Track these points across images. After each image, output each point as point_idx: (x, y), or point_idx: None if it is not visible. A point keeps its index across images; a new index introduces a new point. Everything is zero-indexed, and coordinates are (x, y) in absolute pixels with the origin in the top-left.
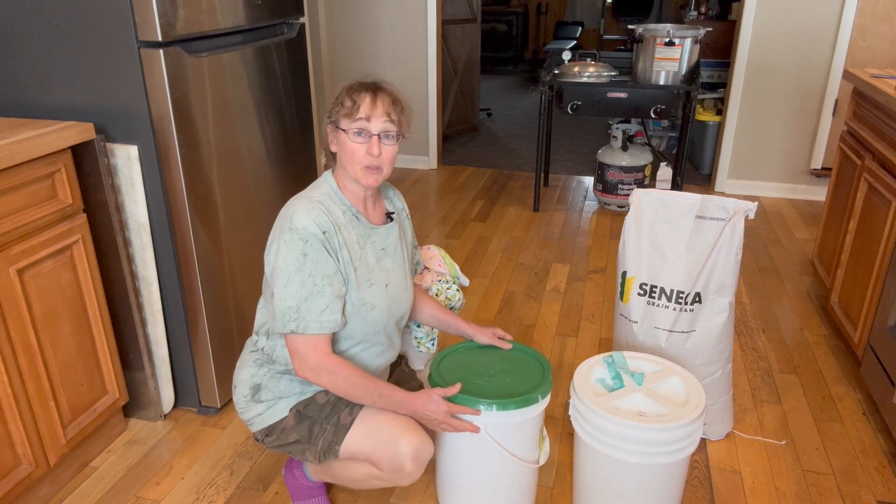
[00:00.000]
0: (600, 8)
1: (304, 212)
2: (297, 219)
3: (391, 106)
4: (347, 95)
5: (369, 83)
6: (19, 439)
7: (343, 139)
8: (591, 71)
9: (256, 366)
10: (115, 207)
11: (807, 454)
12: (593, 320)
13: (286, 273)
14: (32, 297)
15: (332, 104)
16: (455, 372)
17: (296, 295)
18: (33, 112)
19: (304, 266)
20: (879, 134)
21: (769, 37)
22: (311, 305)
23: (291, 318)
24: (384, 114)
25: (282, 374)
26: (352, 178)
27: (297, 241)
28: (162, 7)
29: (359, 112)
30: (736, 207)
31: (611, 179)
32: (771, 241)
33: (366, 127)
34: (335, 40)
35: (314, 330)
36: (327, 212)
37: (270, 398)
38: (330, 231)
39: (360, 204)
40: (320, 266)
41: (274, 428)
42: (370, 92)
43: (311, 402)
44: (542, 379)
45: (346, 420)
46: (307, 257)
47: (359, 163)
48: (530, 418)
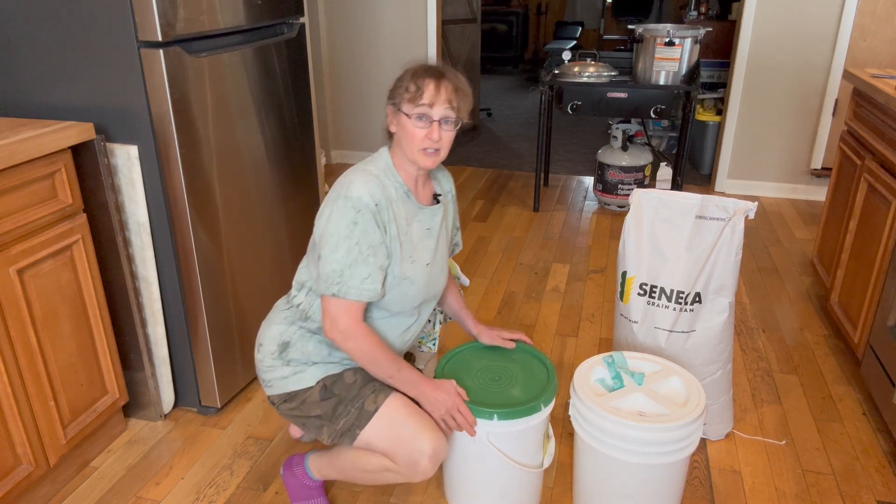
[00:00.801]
0: (600, 8)
1: (361, 182)
2: (353, 188)
3: (453, 93)
4: (412, 80)
5: (434, 69)
6: (19, 439)
7: (404, 122)
8: (591, 71)
9: (287, 323)
10: (115, 207)
11: (807, 454)
12: (593, 320)
13: (335, 238)
14: (32, 297)
15: (393, 86)
16: (459, 375)
17: (341, 260)
18: (33, 112)
19: (352, 234)
20: (879, 134)
21: (769, 37)
22: (354, 272)
23: (334, 282)
24: (446, 101)
25: (312, 335)
26: (409, 159)
27: (349, 210)
28: (162, 7)
29: (422, 98)
30: (736, 207)
31: (611, 179)
32: (771, 241)
33: (427, 113)
34: (335, 40)
35: (354, 296)
36: (382, 186)
37: (298, 359)
38: (382, 204)
39: (411, 183)
40: (368, 236)
41: (295, 396)
42: (434, 78)
43: (339, 380)
44: (546, 385)
45: (370, 407)
46: (357, 226)
47: (418, 146)
48: (533, 425)
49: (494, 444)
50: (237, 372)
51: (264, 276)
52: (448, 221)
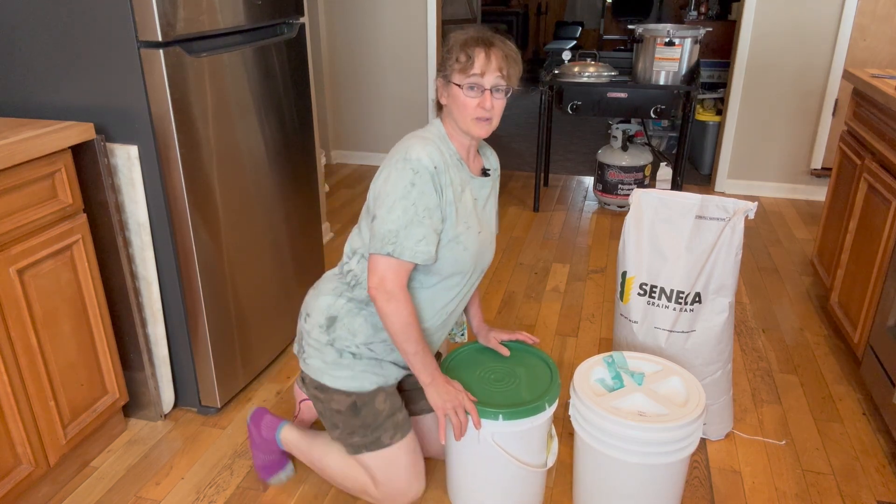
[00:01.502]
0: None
1: (420, 146)
2: (412, 151)
3: (504, 61)
4: (462, 50)
5: (483, 38)
6: (19, 439)
7: (456, 92)
8: (591, 71)
9: (335, 295)
10: (115, 207)
11: (807, 454)
12: (593, 320)
13: (392, 198)
14: (32, 297)
15: (443, 58)
16: (464, 375)
17: (398, 220)
18: (33, 112)
19: (409, 194)
20: (879, 134)
21: (769, 37)
22: (409, 233)
23: (389, 241)
24: (497, 69)
25: (360, 310)
26: (462, 129)
27: (408, 171)
28: (162, 7)
29: (473, 67)
30: (736, 207)
31: (611, 179)
32: (771, 241)
33: (479, 82)
34: (335, 40)
35: (408, 256)
36: (439, 151)
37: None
38: (440, 167)
39: (463, 152)
40: (425, 198)
41: (328, 392)
42: (484, 47)
43: (370, 403)
44: (550, 384)
45: (385, 440)
46: (415, 187)
47: (470, 115)
48: (537, 425)
49: (499, 443)
50: (237, 372)
51: (264, 276)
52: (495, 198)
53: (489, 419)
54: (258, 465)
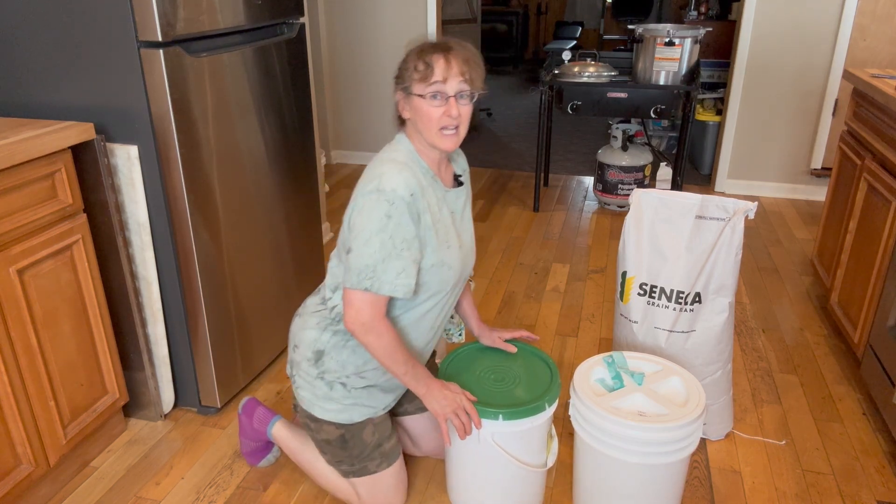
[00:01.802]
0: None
1: (394, 173)
2: (385, 179)
3: (465, 65)
4: (420, 59)
5: (440, 44)
6: (19, 439)
7: (418, 104)
8: (591, 71)
9: (320, 329)
10: (115, 207)
11: (807, 454)
12: (593, 320)
13: (368, 232)
14: (32, 297)
15: (400, 70)
16: (463, 375)
17: (375, 254)
18: (33, 112)
19: (386, 227)
20: (879, 134)
21: (769, 37)
22: (387, 266)
23: (367, 276)
24: (459, 73)
25: (345, 343)
26: (429, 143)
27: (383, 202)
28: (162, 7)
29: (434, 75)
30: (736, 207)
31: (611, 179)
32: (771, 241)
33: (442, 89)
34: (335, 40)
35: (387, 291)
36: (413, 174)
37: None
38: (416, 194)
39: (435, 167)
40: (402, 230)
41: (318, 422)
42: (442, 52)
43: (358, 436)
44: (550, 384)
45: (372, 468)
46: (391, 219)
47: (436, 126)
48: (538, 425)
49: (499, 443)
50: (237, 372)
51: (264, 276)
52: (470, 200)
53: (489, 419)
54: (245, 451)
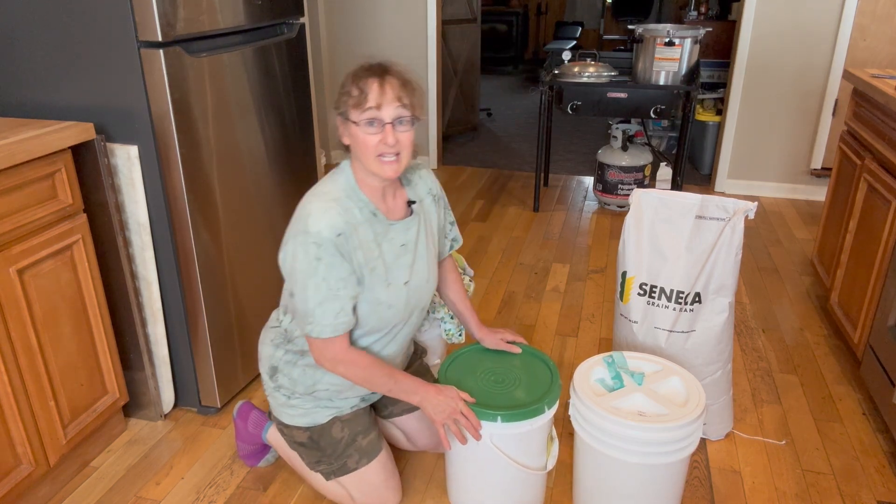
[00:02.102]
0: (600, 8)
1: (319, 213)
2: (311, 221)
3: (401, 89)
4: (353, 84)
5: (375, 66)
6: (19, 439)
7: (355, 131)
8: (591, 71)
9: (273, 346)
10: (115, 207)
11: (807, 454)
12: (593, 320)
13: (302, 277)
14: (32, 297)
15: (338, 95)
16: (463, 377)
17: (311, 299)
18: (33, 112)
19: (318, 270)
20: (879, 134)
21: (769, 37)
22: (325, 310)
23: (308, 322)
24: (395, 99)
25: (296, 362)
26: (368, 171)
27: (311, 245)
28: (162, 7)
29: (368, 101)
30: (736, 207)
31: (611, 179)
32: (771, 241)
33: (377, 116)
34: (335, 40)
35: (329, 333)
36: (343, 210)
37: (286, 386)
38: (345, 233)
39: (377, 198)
40: (334, 270)
41: (288, 428)
42: (377, 77)
43: (326, 433)
44: (550, 386)
45: (352, 465)
46: (321, 261)
47: (373, 153)
48: (537, 427)
49: (498, 445)
50: (237, 372)
51: (264, 277)
52: (432, 226)
53: (487, 421)
54: (243, 454)
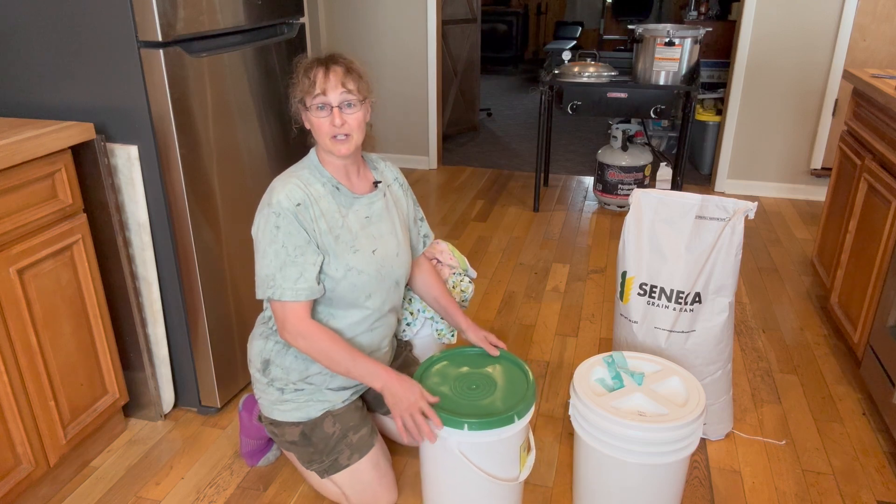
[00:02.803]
0: (600, 8)
1: (280, 187)
2: (273, 194)
3: (345, 76)
4: (304, 74)
5: (321, 58)
6: (19, 439)
7: (308, 116)
8: (591, 71)
9: (263, 339)
10: (115, 207)
11: (807, 454)
12: (593, 320)
13: (263, 245)
14: (32, 297)
15: (292, 85)
16: (439, 381)
17: (271, 265)
18: (33, 112)
19: (276, 238)
20: (879, 134)
21: (769, 37)
22: (285, 274)
23: (268, 286)
24: (339, 84)
25: (287, 349)
26: (326, 150)
27: (271, 216)
28: (162, 7)
29: (315, 88)
30: (736, 207)
31: (611, 179)
32: (771, 241)
33: (325, 101)
34: (335, 40)
35: (289, 297)
36: (304, 184)
37: (280, 377)
38: (305, 203)
39: (341, 175)
40: (292, 238)
41: (280, 426)
42: (322, 66)
43: (318, 428)
44: (524, 396)
45: (343, 461)
46: (280, 230)
47: (326, 135)
48: (506, 437)
49: (465, 454)
50: (237, 372)
51: None
52: (402, 210)
53: (454, 428)
54: (246, 451)
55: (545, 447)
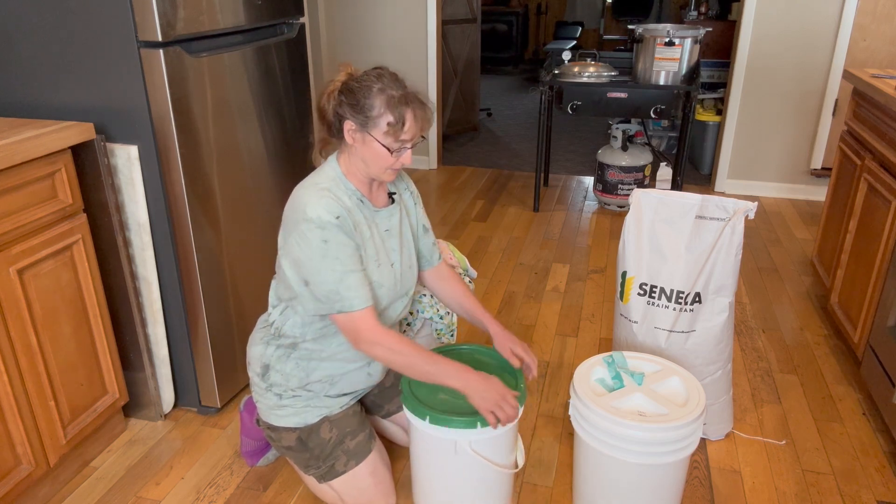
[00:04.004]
0: (600, 8)
1: (316, 200)
2: (309, 209)
3: (427, 123)
4: (388, 110)
5: (410, 97)
6: (19, 439)
7: (374, 146)
8: (591, 71)
9: (264, 344)
10: (115, 207)
11: (807, 454)
12: (593, 320)
13: (314, 262)
14: (32, 297)
15: (359, 103)
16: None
17: (329, 280)
18: (33, 112)
19: (328, 252)
20: (879, 134)
21: (769, 37)
22: (347, 285)
23: (335, 301)
24: (421, 130)
25: (288, 355)
26: (369, 174)
27: (314, 231)
28: (162, 7)
29: (403, 133)
30: (736, 207)
31: (611, 179)
32: (771, 241)
33: (405, 145)
34: (335, 40)
35: (360, 305)
36: (335, 198)
37: (279, 383)
38: (343, 215)
39: (364, 188)
40: (344, 249)
41: (277, 430)
42: (411, 109)
43: (315, 433)
44: (517, 387)
45: (340, 468)
46: (328, 243)
47: (385, 166)
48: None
49: (477, 451)
50: (237, 372)
51: (264, 277)
52: (412, 220)
53: (468, 428)
54: (246, 451)
55: (545, 447)
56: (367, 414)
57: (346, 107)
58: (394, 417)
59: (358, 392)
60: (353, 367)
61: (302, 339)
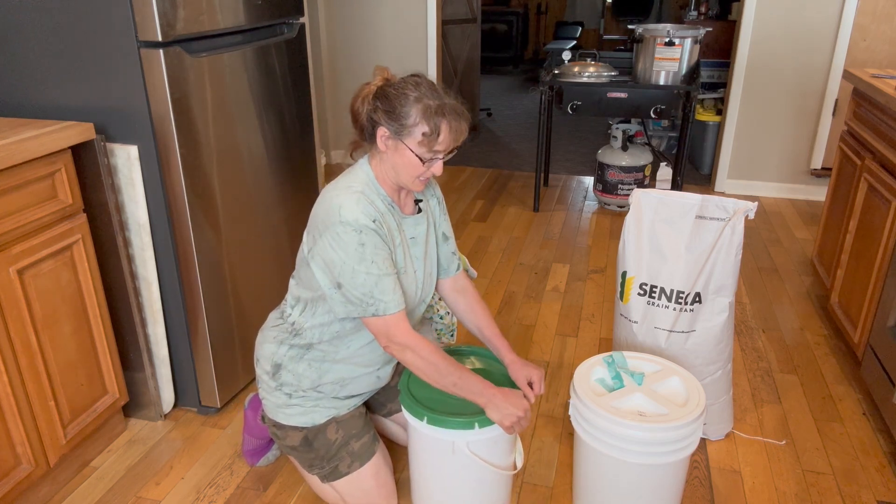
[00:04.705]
0: (600, 8)
1: (352, 203)
2: (345, 212)
3: (462, 134)
4: (424, 120)
5: (449, 108)
6: (19, 439)
7: (406, 154)
8: (591, 71)
9: (277, 343)
10: (115, 207)
11: (807, 454)
12: (593, 320)
13: (349, 265)
14: (32, 297)
15: (395, 111)
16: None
17: (366, 283)
18: (33, 112)
19: (364, 255)
20: (879, 134)
21: (769, 37)
22: (383, 288)
23: (370, 304)
24: (455, 142)
25: (303, 355)
26: (400, 182)
27: (351, 234)
28: (162, 7)
29: (438, 143)
30: (736, 207)
31: (611, 179)
32: (771, 241)
33: (439, 156)
34: (335, 40)
35: (394, 308)
36: (370, 202)
37: (290, 383)
38: (378, 220)
39: (394, 194)
40: (380, 252)
41: (283, 429)
42: (447, 121)
43: (321, 434)
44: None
45: (344, 469)
46: (365, 247)
47: (416, 175)
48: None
49: (475, 452)
50: (237, 372)
51: (264, 276)
52: (435, 227)
53: (465, 429)
54: (248, 449)
55: (545, 447)
56: (368, 412)
57: (380, 112)
58: (395, 416)
59: (366, 394)
60: (364, 372)
61: (319, 339)
